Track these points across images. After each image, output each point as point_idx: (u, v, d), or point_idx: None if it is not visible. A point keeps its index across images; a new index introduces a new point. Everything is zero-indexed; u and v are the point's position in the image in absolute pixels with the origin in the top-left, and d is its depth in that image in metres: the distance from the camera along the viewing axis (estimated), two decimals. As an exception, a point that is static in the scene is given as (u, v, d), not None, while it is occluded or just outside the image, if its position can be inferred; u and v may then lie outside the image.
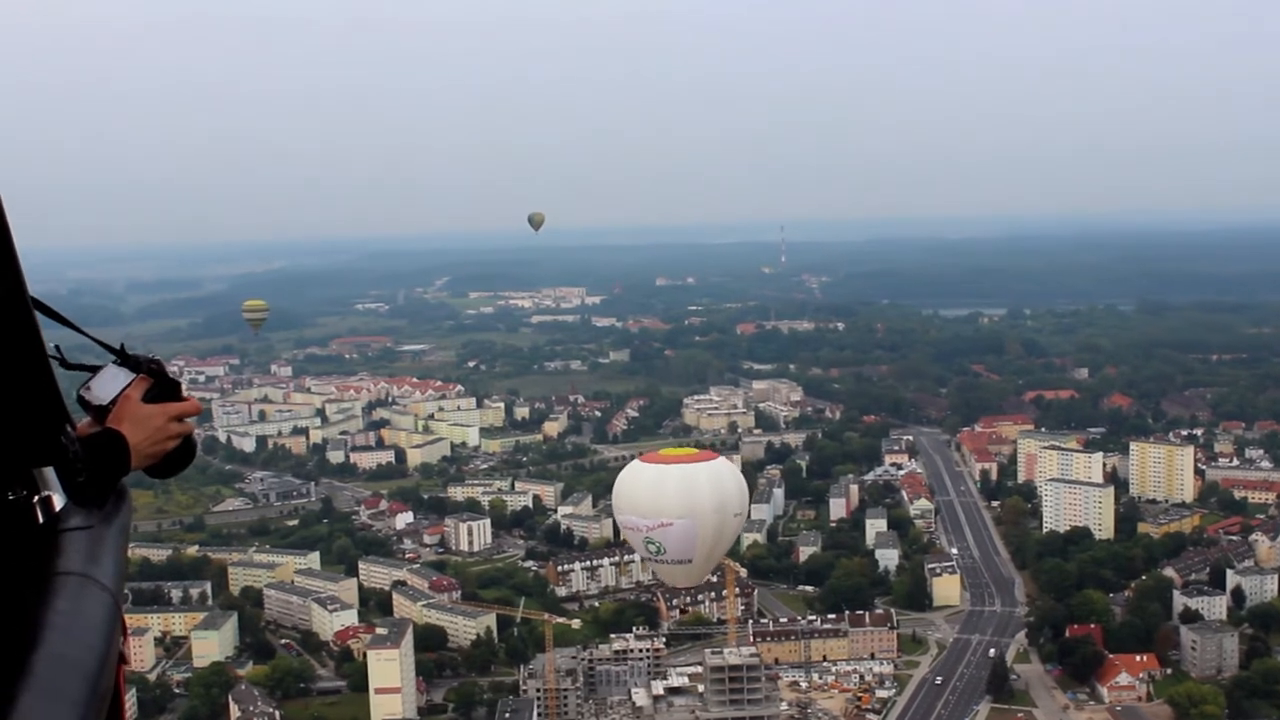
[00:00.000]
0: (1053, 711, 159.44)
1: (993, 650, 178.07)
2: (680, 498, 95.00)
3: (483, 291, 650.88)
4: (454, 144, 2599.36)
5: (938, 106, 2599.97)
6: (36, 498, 5.47)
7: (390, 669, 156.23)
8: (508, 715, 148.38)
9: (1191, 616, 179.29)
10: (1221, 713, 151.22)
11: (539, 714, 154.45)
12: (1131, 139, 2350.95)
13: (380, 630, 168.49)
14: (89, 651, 4.81)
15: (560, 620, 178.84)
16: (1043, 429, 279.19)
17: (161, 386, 6.70)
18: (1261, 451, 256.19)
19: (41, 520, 5.46)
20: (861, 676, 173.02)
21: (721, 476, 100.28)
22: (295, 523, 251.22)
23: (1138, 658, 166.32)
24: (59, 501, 5.56)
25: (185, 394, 6.86)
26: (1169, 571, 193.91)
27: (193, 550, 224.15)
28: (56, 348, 5.72)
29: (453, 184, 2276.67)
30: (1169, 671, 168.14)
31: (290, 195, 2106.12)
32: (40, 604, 4.91)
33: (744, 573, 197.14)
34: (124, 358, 6.71)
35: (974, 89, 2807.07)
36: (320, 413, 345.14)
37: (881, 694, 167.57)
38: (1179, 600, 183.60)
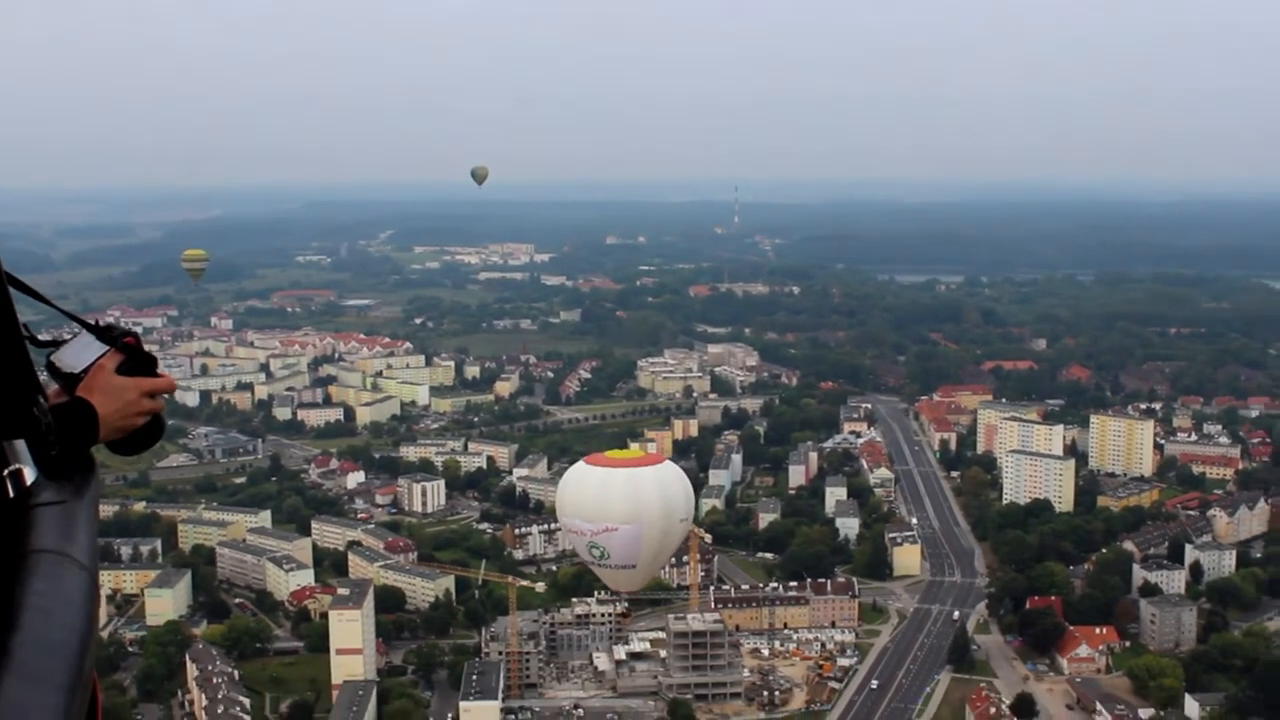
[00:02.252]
0: (1013, 682, 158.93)
1: (956, 614, 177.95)
2: (626, 503, 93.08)
3: (428, 246, 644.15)
4: (394, 92, 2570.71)
5: (898, 66, 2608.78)
6: (6, 471, 5.39)
7: (352, 630, 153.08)
8: (474, 677, 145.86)
9: (1151, 590, 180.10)
10: (1179, 685, 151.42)
11: (505, 676, 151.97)
12: (1093, 106, 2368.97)
13: (342, 591, 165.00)
14: (70, 633, 4.78)
15: (524, 583, 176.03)
16: (1002, 399, 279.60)
17: (136, 360, 6.52)
18: (1220, 427, 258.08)
19: (12, 495, 5.37)
20: (823, 644, 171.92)
21: (668, 481, 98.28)
22: (243, 480, 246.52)
23: (1097, 630, 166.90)
24: (30, 475, 5.46)
25: (161, 371, 6.64)
26: (1128, 545, 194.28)
27: (140, 507, 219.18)
28: (25, 325, 5.61)
29: (393, 133, 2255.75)
30: (1128, 644, 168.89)
31: (225, 140, 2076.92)
32: (17, 585, 4.88)
33: (709, 539, 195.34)
34: (99, 331, 6.51)
35: (934, 48, 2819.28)
36: (265, 368, 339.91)
37: (843, 662, 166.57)
38: (1138, 574, 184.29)
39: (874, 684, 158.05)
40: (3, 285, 5.17)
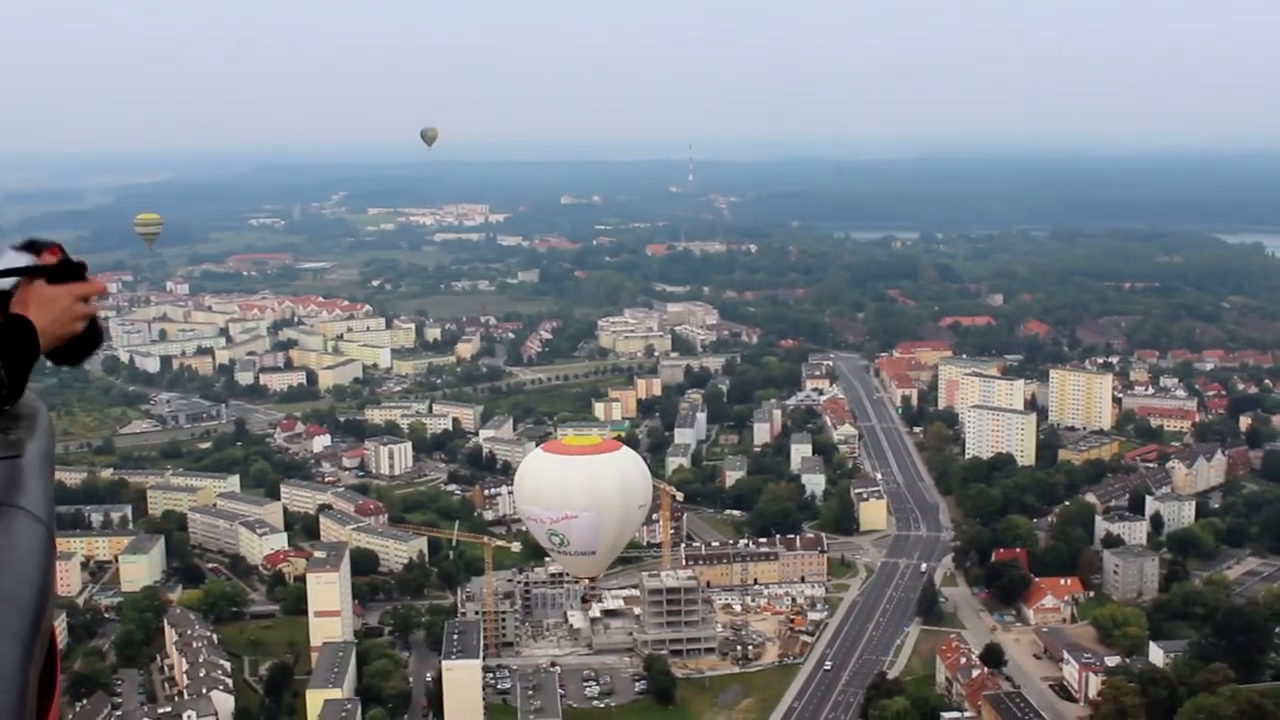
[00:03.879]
0: (981, 633, 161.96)
1: (924, 567, 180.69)
2: (585, 491, 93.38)
3: (382, 208, 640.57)
4: (341, 50, 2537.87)
5: (850, 22, 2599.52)
6: None
7: (329, 592, 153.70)
8: (455, 637, 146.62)
9: (1113, 541, 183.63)
10: (1143, 633, 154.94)
11: (482, 636, 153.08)
12: (1045, 62, 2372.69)
13: (318, 554, 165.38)
14: (28, 585, 4.70)
15: (499, 544, 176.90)
16: (961, 355, 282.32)
17: (64, 268, 6.51)
18: (1176, 380, 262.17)
19: None
20: (794, 599, 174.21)
21: (626, 469, 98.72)
22: (208, 445, 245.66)
23: (1062, 581, 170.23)
24: None
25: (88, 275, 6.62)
26: (1090, 498, 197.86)
27: (107, 473, 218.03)
28: None
29: (342, 94, 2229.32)
30: (1092, 594, 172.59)
31: (172, 102, 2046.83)
32: None
33: (680, 497, 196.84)
34: (23, 246, 6.53)
35: (883, 5, 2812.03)
36: (224, 332, 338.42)
37: (814, 616, 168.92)
38: (1100, 525, 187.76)
39: (828, 665, 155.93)
40: None
